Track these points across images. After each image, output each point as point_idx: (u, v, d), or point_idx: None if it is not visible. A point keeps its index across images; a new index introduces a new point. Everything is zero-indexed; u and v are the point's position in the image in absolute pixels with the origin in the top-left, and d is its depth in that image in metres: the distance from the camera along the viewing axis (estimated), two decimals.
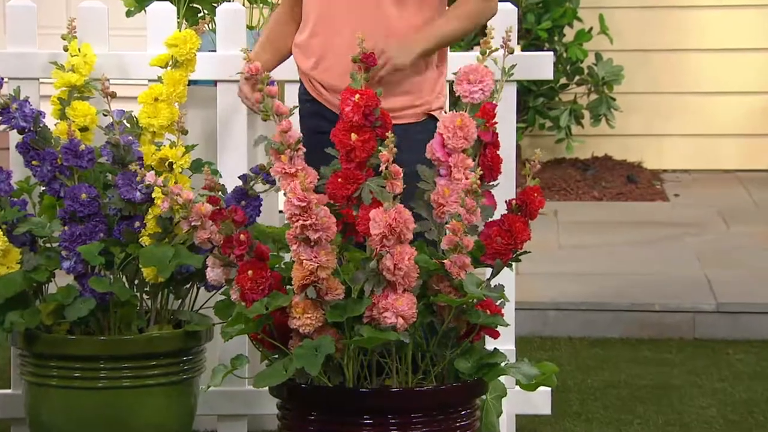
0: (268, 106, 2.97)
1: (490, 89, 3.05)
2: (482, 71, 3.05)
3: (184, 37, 3.52)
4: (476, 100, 3.05)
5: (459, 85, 3.05)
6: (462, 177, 3.00)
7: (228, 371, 3.01)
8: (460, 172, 3.00)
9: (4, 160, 3.58)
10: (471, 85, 3.05)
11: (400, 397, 2.97)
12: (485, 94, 3.05)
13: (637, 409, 4.24)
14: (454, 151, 3.01)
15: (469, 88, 3.05)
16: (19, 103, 3.47)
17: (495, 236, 3.04)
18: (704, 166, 7.63)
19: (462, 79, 3.06)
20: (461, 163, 3.01)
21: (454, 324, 3.02)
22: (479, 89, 3.04)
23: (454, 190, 2.99)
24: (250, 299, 2.98)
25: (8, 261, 3.41)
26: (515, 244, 3.06)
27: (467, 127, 3.01)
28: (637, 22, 7.58)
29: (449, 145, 3.01)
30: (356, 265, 2.99)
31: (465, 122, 3.01)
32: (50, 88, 3.59)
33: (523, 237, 3.06)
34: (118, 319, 3.43)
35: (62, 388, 3.39)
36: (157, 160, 3.46)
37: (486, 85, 3.04)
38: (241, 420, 3.79)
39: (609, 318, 5.12)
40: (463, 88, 3.05)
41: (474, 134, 3.03)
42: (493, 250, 3.05)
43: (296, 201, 2.89)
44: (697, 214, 6.66)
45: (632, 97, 7.51)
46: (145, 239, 3.41)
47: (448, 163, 3.02)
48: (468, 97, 3.06)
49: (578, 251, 5.98)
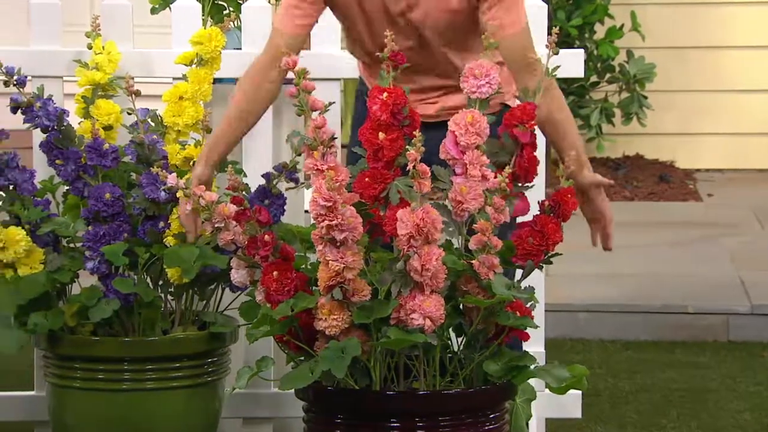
0: (303, 101, 2.93)
1: (496, 82, 3.02)
2: (487, 65, 3.02)
3: (209, 35, 3.49)
4: (484, 95, 3.03)
5: (465, 82, 3.02)
6: (478, 174, 2.97)
7: (253, 373, 2.98)
8: (476, 169, 2.98)
9: (28, 159, 3.56)
10: (477, 80, 3.02)
11: (428, 400, 2.94)
12: (492, 87, 3.02)
13: (670, 414, 4.19)
14: (468, 148, 2.99)
15: (476, 83, 3.02)
16: (42, 102, 3.44)
17: (526, 237, 3.01)
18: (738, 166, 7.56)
19: (468, 75, 3.03)
20: (476, 159, 2.99)
21: (482, 326, 2.98)
22: (486, 83, 3.02)
23: (472, 188, 2.97)
24: (276, 300, 2.95)
25: (31, 261, 3.39)
26: (547, 245, 3.03)
27: (478, 123, 2.99)
28: (669, 18, 7.52)
29: (462, 143, 2.99)
30: (383, 266, 2.96)
31: (476, 118, 2.99)
32: (74, 86, 3.57)
33: (555, 238, 3.03)
34: (142, 321, 3.40)
35: (86, 390, 3.36)
36: (181, 159, 3.43)
37: (492, 78, 3.02)
38: (267, 423, 3.75)
39: (641, 320, 5.07)
40: (470, 84, 3.02)
41: (486, 130, 3.00)
42: (525, 251, 3.02)
43: (322, 201, 2.86)
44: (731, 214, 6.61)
45: (664, 95, 7.45)
46: (169, 239, 3.38)
47: (463, 161, 3.00)
48: (476, 93, 3.03)
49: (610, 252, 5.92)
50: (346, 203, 2.88)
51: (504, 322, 2.95)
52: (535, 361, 3.00)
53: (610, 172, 7.33)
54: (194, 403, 3.39)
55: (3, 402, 3.73)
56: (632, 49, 7.27)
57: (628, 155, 7.58)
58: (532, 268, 3.04)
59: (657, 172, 7.37)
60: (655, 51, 7.34)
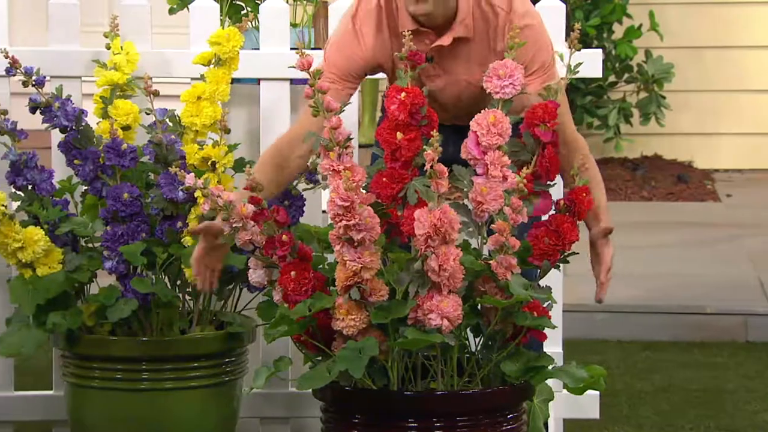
0: (318, 102, 2.93)
1: (520, 83, 3.01)
2: (511, 66, 3.01)
3: (227, 35, 3.49)
4: (507, 95, 3.02)
5: (489, 82, 3.02)
6: (499, 174, 2.97)
7: (271, 373, 2.98)
8: (497, 169, 2.97)
9: (46, 160, 3.56)
10: (501, 80, 3.02)
11: (446, 400, 2.93)
12: (516, 88, 3.01)
13: (689, 414, 4.18)
14: (489, 148, 2.98)
15: (500, 83, 3.02)
16: (61, 102, 3.45)
17: (542, 237, 3.01)
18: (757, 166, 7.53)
19: (492, 75, 3.02)
20: (497, 160, 2.98)
21: (500, 326, 2.98)
22: (510, 83, 3.01)
23: (492, 188, 2.96)
24: (293, 300, 2.95)
25: (50, 261, 3.39)
26: (563, 244, 3.02)
27: (501, 123, 2.98)
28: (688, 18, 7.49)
29: (484, 143, 2.99)
30: (401, 266, 2.95)
31: (498, 119, 2.98)
32: (93, 86, 3.57)
33: (571, 237, 3.02)
34: (160, 320, 3.41)
35: (104, 389, 3.37)
36: (199, 159, 3.44)
37: (516, 79, 3.01)
38: (284, 423, 3.75)
39: (659, 321, 5.06)
40: (494, 84, 3.02)
41: (508, 130, 2.99)
42: (541, 251, 3.01)
43: (339, 201, 2.86)
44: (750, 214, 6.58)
45: (683, 95, 7.43)
46: (187, 239, 3.38)
47: (484, 161, 2.99)
48: (499, 93, 3.02)
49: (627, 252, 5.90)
50: (363, 203, 2.88)
51: (521, 322, 2.94)
52: (553, 361, 2.99)
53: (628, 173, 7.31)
54: (212, 402, 3.39)
55: (21, 401, 3.73)
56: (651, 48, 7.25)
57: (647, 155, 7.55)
58: (548, 267, 3.03)
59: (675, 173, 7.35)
60: (673, 51, 7.31)
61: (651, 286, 5.36)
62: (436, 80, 3.20)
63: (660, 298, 5.19)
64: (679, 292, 5.26)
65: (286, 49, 3.72)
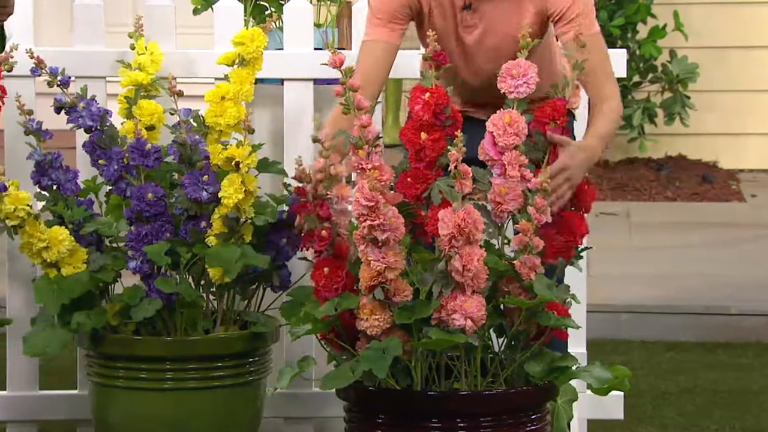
0: (350, 100, 2.93)
1: (534, 82, 3.01)
2: (524, 65, 3.01)
3: (251, 36, 3.49)
4: (522, 95, 3.02)
5: (503, 82, 3.02)
6: (517, 174, 2.96)
7: (295, 373, 2.98)
8: (515, 169, 2.97)
9: (71, 160, 3.57)
10: (515, 80, 3.01)
11: (469, 400, 2.93)
12: (530, 87, 3.01)
13: (714, 415, 4.16)
14: (506, 148, 2.98)
15: (514, 83, 3.02)
16: (86, 102, 3.46)
17: (553, 234, 3.00)
18: None
19: (505, 75, 3.02)
20: (515, 160, 2.98)
21: (524, 326, 2.97)
22: (524, 83, 3.01)
23: (511, 188, 2.96)
24: (323, 297, 2.95)
25: (75, 261, 3.40)
26: (574, 239, 3.01)
27: (517, 123, 2.98)
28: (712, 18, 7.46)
29: (500, 143, 2.98)
30: (424, 266, 2.95)
31: (514, 119, 2.98)
32: (117, 86, 3.58)
33: (581, 231, 3.02)
34: (184, 320, 3.41)
35: (128, 389, 3.37)
36: (223, 160, 3.44)
37: (530, 78, 3.01)
38: (308, 422, 3.76)
39: (684, 321, 5.04)
40: (508, 84, 3.02)
41: (524, 130, 2.99)
42: (554, 249, 3.01)
43: (364, 201, 2.85)
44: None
45: (707, 95, 7.40)
46: (211, 239, 3.38)
47: (502, 162, 2.99)
48: (513, 93, 3.02)
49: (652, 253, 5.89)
50: (389, 203, 2.88)
51: (545, 322, 2.93)
52: (577, 361, 2.98)
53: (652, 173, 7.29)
54: (236, 402, 3.40)
55: (46, 401, 3.75)
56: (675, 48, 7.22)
57: (671, 156, 7.53)
58: (564, 265, 3.03)
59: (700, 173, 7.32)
60: (698, 51, 7.29)
61: (676, 286, 5.34)
62: (474, 31, 3.20)
63: (684, 298, 5.17)
64: (704, 292, 5.24)
65: (309, 50, 3.72)
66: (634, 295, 5.21)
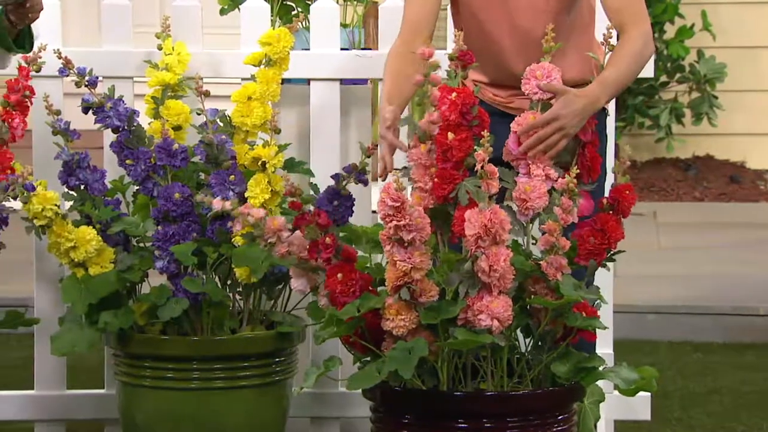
0: (427, 93, 2.93)
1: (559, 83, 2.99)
2: (548, 67, 3.01)
3: (277, 36, 3.50)
4: (545, 96, 3.01)
5: (527, 84, 3.01)
6: (542, 173, 2.96)
7: (321, 373, 2.98)
8: (539, 168, 2.96)
9: (99, 160, 3.59)
10: (539, 81, 3.00)
11: (496, 400, 2.92)
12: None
13: (741, 416, 4.14)
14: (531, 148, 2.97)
15: (538, 84, 3.01)
16: (113, 102, 3.47)
17: (588, 236, 2.99)
18: None
19: (529, 77, 3.01)
20: (539, 158, 2.97)
21: (550, 327, 2.96)
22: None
23: (536, 187, 2.95)
24: (341, 302, 2.95)
25: (102, 260, 3.41)
26: (609, 243, 3.01)
27: None
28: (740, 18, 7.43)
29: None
30: (451, 267, 2.94)
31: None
32: (144, 86, 3.59)
33: (616, 236, 3.01)
34: (211, 320, 3.42)
35: (155, 388, 3.38)
36: (250, 160, 3.44)
37: (553, 80, 3.00)
38: (334, 422, 3.76)
39: (711, 322, 5.02)
40: (531, 86, 3.01)
41: None
42: (587, 251, 3.00)
43: (390, 201, 2.85)
44: None
45: (735, 95, 7.37)
46: (237, 239, 3.39)
47: (527, 161, 2.98)
48: (537, 94, 3.01)
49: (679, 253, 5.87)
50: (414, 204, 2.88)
51: (572, 323, 2.93)
52: (604, 362, 2.97)
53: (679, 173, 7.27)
54: (262, 402, 3.40)
55: (74, 400, 3.76)
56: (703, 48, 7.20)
57: (698, 156, 7.50)
58: (595, 267, 3.02)
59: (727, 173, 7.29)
60: (725, 50, 7.26)
61: (703, 286, 5.32)
62: None
63: (712, 299, 5.15)
64: (731, 293, 5.22)
65: (336, 50, 3.72)
66: (661, 296, 5.19)
